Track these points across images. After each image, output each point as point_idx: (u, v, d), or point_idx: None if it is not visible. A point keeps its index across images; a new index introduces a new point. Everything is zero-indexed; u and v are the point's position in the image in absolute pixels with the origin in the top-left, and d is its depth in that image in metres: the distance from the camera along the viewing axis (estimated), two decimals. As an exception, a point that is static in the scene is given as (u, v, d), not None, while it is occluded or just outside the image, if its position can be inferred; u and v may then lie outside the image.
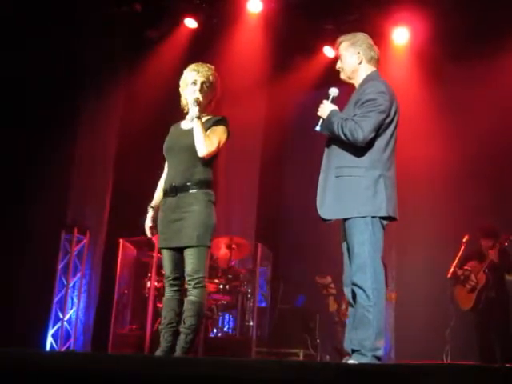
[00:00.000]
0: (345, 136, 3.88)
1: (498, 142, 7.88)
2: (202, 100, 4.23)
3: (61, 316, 8.02)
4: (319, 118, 4.06)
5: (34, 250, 7.67)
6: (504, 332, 7.08)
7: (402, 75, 8.10)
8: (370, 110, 3.90)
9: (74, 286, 8.26)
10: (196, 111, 4.18)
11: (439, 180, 8.28)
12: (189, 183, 4.16)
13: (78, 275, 8.28)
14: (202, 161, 4.20)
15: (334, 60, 4.46)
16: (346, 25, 7.62)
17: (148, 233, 4.34)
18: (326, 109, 4.05)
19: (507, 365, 5.99)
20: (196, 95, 4.23)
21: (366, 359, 3.69)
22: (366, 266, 3.79)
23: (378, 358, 3.73)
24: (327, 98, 4.11)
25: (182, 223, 4.12)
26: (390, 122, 3.99)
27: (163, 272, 7.39)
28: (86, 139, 8.40)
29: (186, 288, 4.18)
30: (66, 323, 8.06)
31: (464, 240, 7.42)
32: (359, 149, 3.91)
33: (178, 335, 4.07)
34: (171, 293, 4.22)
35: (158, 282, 7.58)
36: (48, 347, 7.79)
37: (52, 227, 7.98)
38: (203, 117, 4.29)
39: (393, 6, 7.85)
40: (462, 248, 7.43)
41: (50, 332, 7.91)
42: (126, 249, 8.06)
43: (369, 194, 3.86)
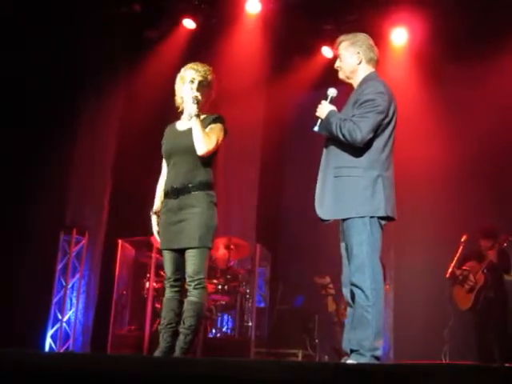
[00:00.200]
0: (343, 136, 3.88)
1: (497, 142, 7.88)
2: (200, 98, 4.22)
3: (60, 317, 8.02)
4: (317, 118, 4.07)
5: (32, 250, 7.67)
6: (503, 332, 7.09)
7: (400, 76, 8.10)
8: (368, 111, 3.90)
9: (72, 286, 8.26)
10: (195, 109, 4.17)
11: (438, 180, 8.28)
12: (190, 185, 4.15)
13: (77, 276, 8.28)
14: (202, 162, 4.20)
15: (332, 60, 4.47)
16: (345, 25, 7.61)
17: (158, 238, 4.33)
18: (324, 109, 4.05)
19: (506, 365, 5.99)
20: (195, 93, 4.23)
21: (364, 359, 3.69)
22: (365, 266, 3.79)
23: (376, 358, 3.73)
24: (326, 98, 4.11)
25: (184, 225, 4.11)
26: (389, 122, 3.99)
27: (162, 273, 7.47)
28: (85, 139, 8.40)
29: (186, 289, 4.18)
30: (64, 324, 8.06)
31: (462, 240, 7.43)
32: (357, 149, 3.91)
33: (178, 336, 4.07)
34: (171, 293, 4.21)
35: (156, 282, 7.59)
36: (47, 348, 7.79)
37: (51, 228, 7.98)
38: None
39: (391, 7, 7.85)
40: (461, 248, 7.45)
41: (49, 333, 7.91)
42: (124, 249, 8.06)
43: (367, 195, 3.87)
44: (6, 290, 7.23)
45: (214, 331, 7.96)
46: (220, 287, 7.75)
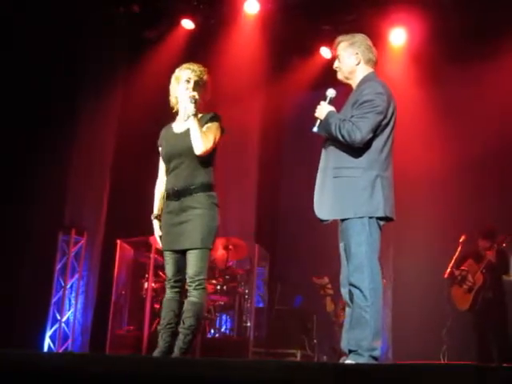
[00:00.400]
0: (342, 137, 3.88)
1: (496, 142, 7.89)
2: (197, 98, 4.22)
3: (58, 317, 8.01)
4: (316, 119, 4.07)
5: (31, 250, 7.66)
6: (501, 332, 7.10)
7: (399, 76, 8.11)
8: (367, 111, 3.90)
9: (71, 286, 8.25)
10: (192, 108, 4.16)
11: (437, 180, 8.29)
12: (192, 187, 4.15)
13: (76, 276, 8.28)
14: (202, 164, 4.20)
15: (331, 61, 4.48)
16: (343, 25, 7.63)
17: (161, 243, 4.33)
18: (323, 110, 4.05)
19: (504, 365, 6.00)
20: (192, 92, 4.22)
21: (363, 359, 3.69)
22: (363, 266, 3.80)
23: (375, 358, 3.73)
24: (324, 99, 4.11)
25: (186, 226, 4.11)
26: (388, 122, 3.99)
27: (160, 273, 7.48)
28: (84, 140, 8.39)
29: (186, 289, 4.18)
30: (63, 324, 8.05)
31: (461, 240, 7.43)
32: (356, 149, 3.91)
33: (177, 336, 4.07)
34: (172, 294, 4.21)
35: (155, 282, 7.59)
36: (46, 348, 7.78)
37: (49, 228, 7.97)
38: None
39: (390, 7, 7.86)
40: (459, 248, 7.45)
41: (48, 333, 7.89)
42: (123, 250, 8.06)
43: (366, 195, 3.87)
44: (5, 290, 7.22)
45: (212, 331, 7.96)
46: (219, 287, 7.76)
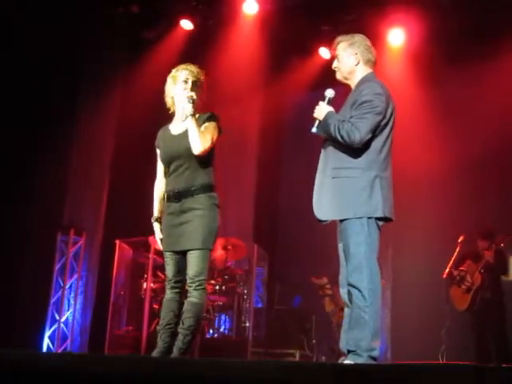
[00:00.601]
0: (341, 138, 3.88)
1: (496, 142, 7.89)
2: (196, 98, 4.21)
3: (57, 317, 8.01)
4: (315, 119, 4.07)
5: (30, 251, 7.66)
6: (499, 332, 7.10)
7: (397, 76, 8.12)
8: (366, 112, 3.90)
9: (70, 287, 8.24)
10: (190, 108, 4.16)
11: (436, 181, 8.29)
12: (192, 188, 4.15)
13: (75, 276, 8.27)
14: (202, 165, 4.20)
15: (329, 61, 4.47)
16: (342, 26, 7.63)
17: (161, 246, 4.33)
18: (322, 110, 4.05)
19: (503, 365, 6.01)
20: (191, 93, 4.21)
21: (361, 359, 3.69)
22: (362, 266, 3.80)
23: (373, 358, 3.73)
24: (323, 99, 4.12)
25: (187, 227, 4.11)
26: (386, 123, 3.99)
27: (159, 273, 7.47)
28: (83, 140, 8.39)
29: (186, 290, 4.18)
30: (62, 324, 8.04)
31: (460, 240, 7.44)
32: (355, 150, 3.91)
33: (176, 336, 4.07)
34: (172, 294, 4.21)
35: (154, 283, 7.59)
36: (45, 348, 7.78)
37: (48, 228, 7.96)
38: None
39: (388, 8, 7.86)
40: (458, 248, 7.46)
41: (47, 333, 7.89)
42: (122, 250, 8.06)
43: (365, 195, 3.87)
44: (4, 290, 7.21)
45: (211, 331, 7.96)
46: (218, 288, 7.76)
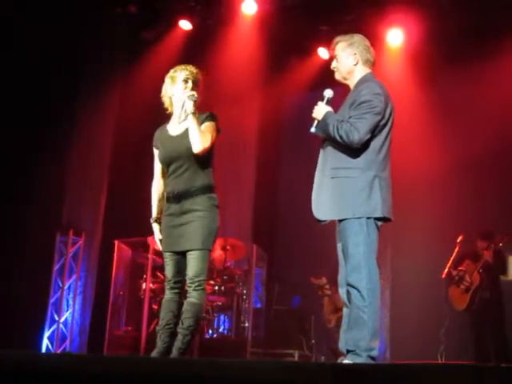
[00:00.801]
0: (340, 138, 3.89)
1: (495, 142, 7.88)
2: (197, 96, 4.20)
3: (56, 318, 8.01)
4: (314, 119, 4.07)
5: (29, 251, 7.66)
6: (498, 332, 7.11)
7: (396, 76, 8.12)
8: (365, 112, 3.90)
9: (69, 287, 8.24)
10: (191, 107, 4.15)
11: (436, 180, 8.29)
12: (192, 189, 4.15)
13: (74, 277, 8.27)
14: (202, 166, 4.20)
15: (328, 61, 4.47)
16: (341, 26, 7.63)
17: (160, 246, 4.33)
18: (321, 110, 4.05)
19: (502, 364, 6.01)
20: (192, 91, 4.21)
21: (360, 359, 3.70)
22: (361, 266, 3.80)
23: (372, 358, 3.73)
24: (322, 99, 4.11)
25: (187, 227, 4.12)
26: (385, 123, 3.99)
27: (158, 273, 7.47)
28: (82, 140, 8.39)
29: (185, 290, 4.18)
30: (61, 325, 8.04)
31: (458, 240, 7.44)
32: (354, 150, 3.91)
33: (175, 336, 4.07)
34: (171, 295, 4.22)
35: (153, 283, 7.59)
36: (44, 349, 7.78)
37: (47, 229, 7.97)
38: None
39: (387, 8, 7.86)
40: (457, 248, 7.46)
41: (46, 334, 7.89)
42: (121, 250, 8.06)
43: (364, 195, 3.87)
44: (3, 290, 7.21)
45: (210, 332, 7.96)
46: (217, 288, 7.75)
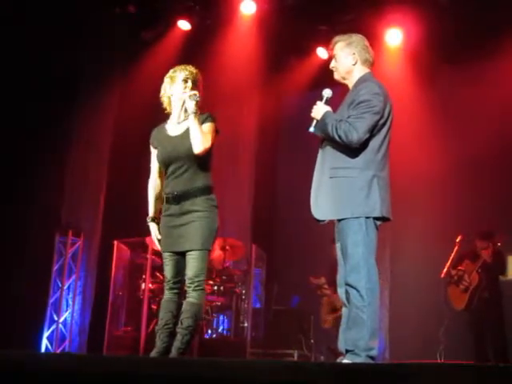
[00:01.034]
0: (339, 137, 3.89)
1: (494, 141, 7.88)
2: (199, 96, 4.19)
3: (56, 318, 8.01)
4: (313, 119, 4.07)
5: (28, 251, 7.66)
6: (498, 332, 7.11)
7: (395, 76, 8.12)
8: (364, 112, 3.90)
9: (68, 287, 8.25)
10: (193, 107, 4.15)
11: (435, 180, 8.29)
12: (191, 190, 4.16)
13: (73, 277, 8.27)
14: (201, 167, 4.20)
15: (327, 61, 4.47)
16: (340, 26, 7.63)
17: (158, 246, 4.33)
18: (319, 110, 4.05)
19: (500, 364, 6.02)
20: (194, 91, 4.20)
21: (359, 359, 3.70)
22: (360, 266, 3.80)
23: (371, 357, 3.74)
24: (321, 99, 4.11)
25: (186, 228, 4.12)
26: (384, 122, 3.99)
27: (157, 274, 7.47)
28: (81, 140, 8.39)
29: (184, 290, 4.18)
30: (61, 325, 8.04)
31: (458, 240, 7.45)
32: (353, 150, 3.91)
33: (174, 337, 4.07)
34: (170, 295, 4.22)
35: (152, 283, 7.59)
36: (43, 349, 7.78)
37: (46, 229, 7.97)
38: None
39: (386, 8, 7.86)
40: (456, 248, 7.47)
41: (46, 334, 7.89)
42: (120, 250, 8.06)
43: (363, 195, 3.87)
44: (2, 290, 7.22)
45: (209, 332, 7.96)
46: (216, 288, 7.75)
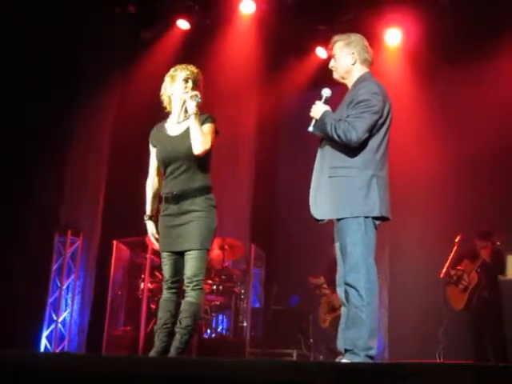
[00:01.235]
0: (338, 137, 3.89)
1: (493, 141, 7.89)
2: (200, 96, 4.19)
3: (55, 318, 8.01)
4: (312, 118, 4.07)
5: (27, 251, 7.65)
6: (497, 331, 7.11)
7: (394, 76, 8.12)
8: (363, 111, 3.90)
9: (67, 287, 8.25)
10: (194, 107, 4.14)
11: (434, 180, 8.29)
12: (190, 190, 4.16)
13: (72, 277, 8.27)
14: (200, 167, 4.20)
15: (326, 61, 4.47)
16: (339, 25, 7.63)
17: (155, 243, 4.33)
18: (318, 109, 4.05)
19: (500, 364, 6.02)
20: (195, 92, 4.20)
21: (358, 358, 3.70)
22: (359, 265, 3.80)
23: (370, 357, 3.74)
24: (320, 98, 4.12)
25: (185, 228, 4.12)
26: (383, 122, 4.00)
27: (156, 273, 7.47)
28: (81, 140, 8.39)
29: (183, 290, 4.18)
30: (60, 325, 8.04)
31: (457, 240, 7.45)
32: (352, 149, 3.92)
33: (173, 336, 4.07)
34: (169, 295, 4.22)
35: (151, 283, 7.59)
36: (42, 349, 7.78)
37: (46, 229, 7.97)
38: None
39: (385, 7, 7.86)
40: (455, 248, 7.47)
41: (45, 334, 7.90)
42: (119, 250, 8.06)
43: (362, 195, 3.87)
44: (1, 290, 7.22)
45: (208, 332, 7.96)
46: (215, 288, 7.75)
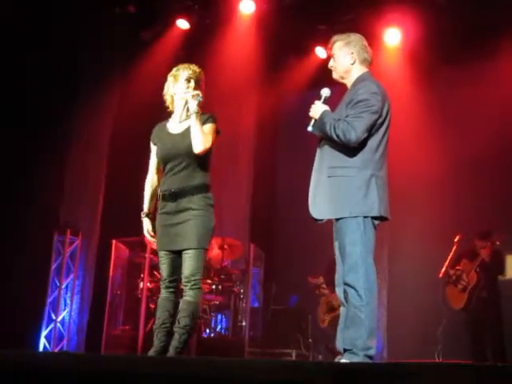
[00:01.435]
0: (337, 137, 3.89)
1: (493, 141, 7.88)
2: (201, 96, 4.20)
3: (54, 317, 8.01)
4: (311, 118, 4.07)
5: (26, 250, 7.65)
6: (496, 331, 7.11)
7: (393, 76, 8.11)
8: (362, 111, 3.90)
9: (66, 287, 8.25)
10: (195, 106, 4.16)
11: (433, 180, 8.28)
12: (188, 188, 4.16)
13: (71, 276, 8.27)
14: (199, 166, 4.21)
15: (326, 60, 4.47)
16: (338, 25, 7.62)
17: (151, 240, 4.33)
18: (318, 109, 4.05)
19: (499, 364, 6.02)
20: (197, 91, 4.21)
21: (357, 358, 3.70)
22: (358, 265, 3.80)
23: (369, 357, 3.73)
24: (319, 98, 4.12)
25: (183, 227, 4.13)
26: (382, 122, 4.00)
27: (155, 273, 7.47)
28: (80, 140, 8.39)
29: (181, 289, 4.18)
30: (59, 324, 8.05)
31: (456, 240, 7.45)
32: (351, 149, 3.92)
33: (172, 335, 4.08)
34: (167, 294, 4.22)
35: (150, 282, 7.59)
36: (41, 348, 7.78)
37: (45, 228, 7.97)
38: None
39: (385, 7, 7.86)
40: (454, 248, 7.47)
41: (44, 333, 7.90)
42: (118, 250, 8.06)
43: (361, 194, 3.87)
44: (0, 290, 7.21)
45: (208, 331, 7.96)
46: (214, 287, 7.75)
